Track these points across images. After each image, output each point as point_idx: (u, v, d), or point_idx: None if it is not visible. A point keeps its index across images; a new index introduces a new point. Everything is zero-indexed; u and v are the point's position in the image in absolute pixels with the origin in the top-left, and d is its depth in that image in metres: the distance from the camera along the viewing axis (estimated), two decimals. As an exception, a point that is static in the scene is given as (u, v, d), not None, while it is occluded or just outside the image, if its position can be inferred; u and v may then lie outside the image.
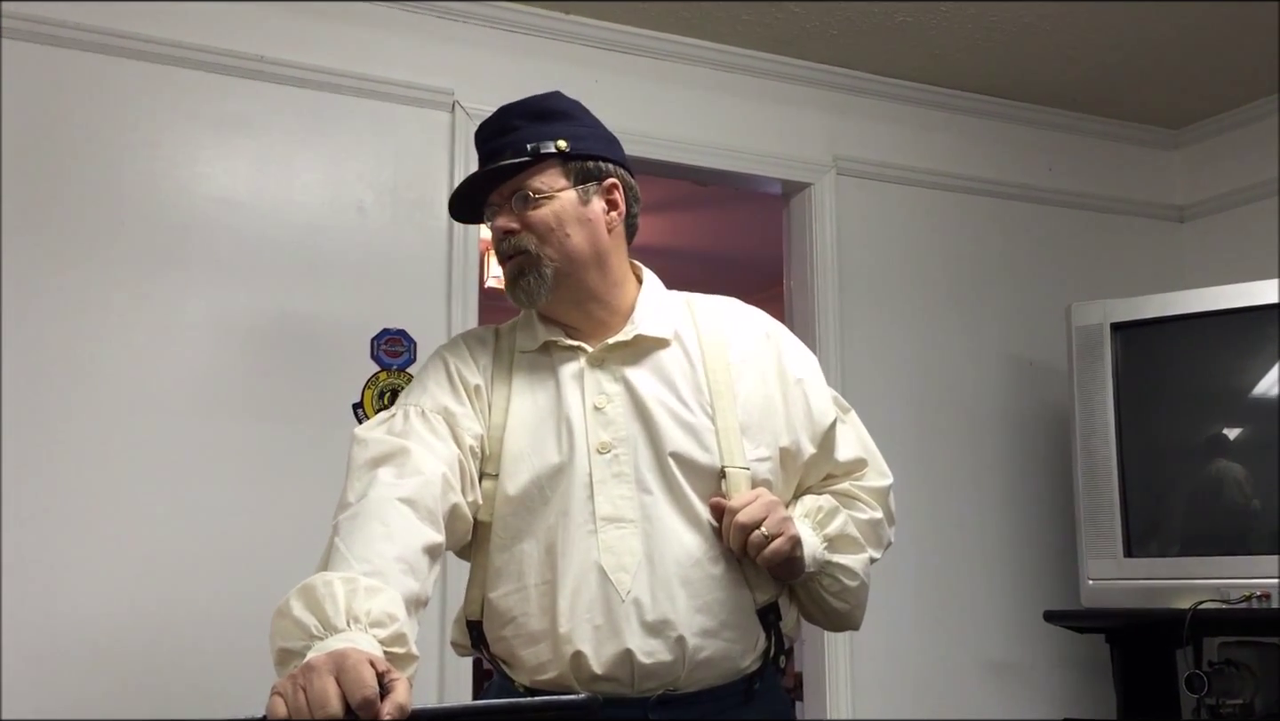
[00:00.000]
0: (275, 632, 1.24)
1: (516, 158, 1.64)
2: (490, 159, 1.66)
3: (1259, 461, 3.04)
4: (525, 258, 1.64)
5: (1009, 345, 3.63)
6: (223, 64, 2.78)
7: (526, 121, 1.67)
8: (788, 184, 3.45)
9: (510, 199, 1.65)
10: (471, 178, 1.68)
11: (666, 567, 1.54)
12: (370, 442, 1.53)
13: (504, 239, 1.65)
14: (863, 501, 1.74)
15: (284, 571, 1.59)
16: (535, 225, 1.64)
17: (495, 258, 1.71)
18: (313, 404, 2.76)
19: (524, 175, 1.65)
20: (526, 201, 1.64)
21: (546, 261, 1.63)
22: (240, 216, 2.77)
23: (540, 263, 1.63)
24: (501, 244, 1.66)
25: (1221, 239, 3.82)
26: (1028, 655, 3.47)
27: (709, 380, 1.65)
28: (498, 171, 1.65)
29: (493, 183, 1.67)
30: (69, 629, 2.48)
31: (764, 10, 3.12)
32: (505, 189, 1.66)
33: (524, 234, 1.64)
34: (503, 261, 1.67)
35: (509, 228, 1.64)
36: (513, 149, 1.64)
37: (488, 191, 1.68)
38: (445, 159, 2.99)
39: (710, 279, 3.39)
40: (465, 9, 3.04)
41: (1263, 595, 2.86)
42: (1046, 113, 3.76)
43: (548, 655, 1.54)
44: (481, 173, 1.66)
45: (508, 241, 1.65)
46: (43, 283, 2.57)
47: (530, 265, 1.64)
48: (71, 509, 2.53)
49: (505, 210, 1.65)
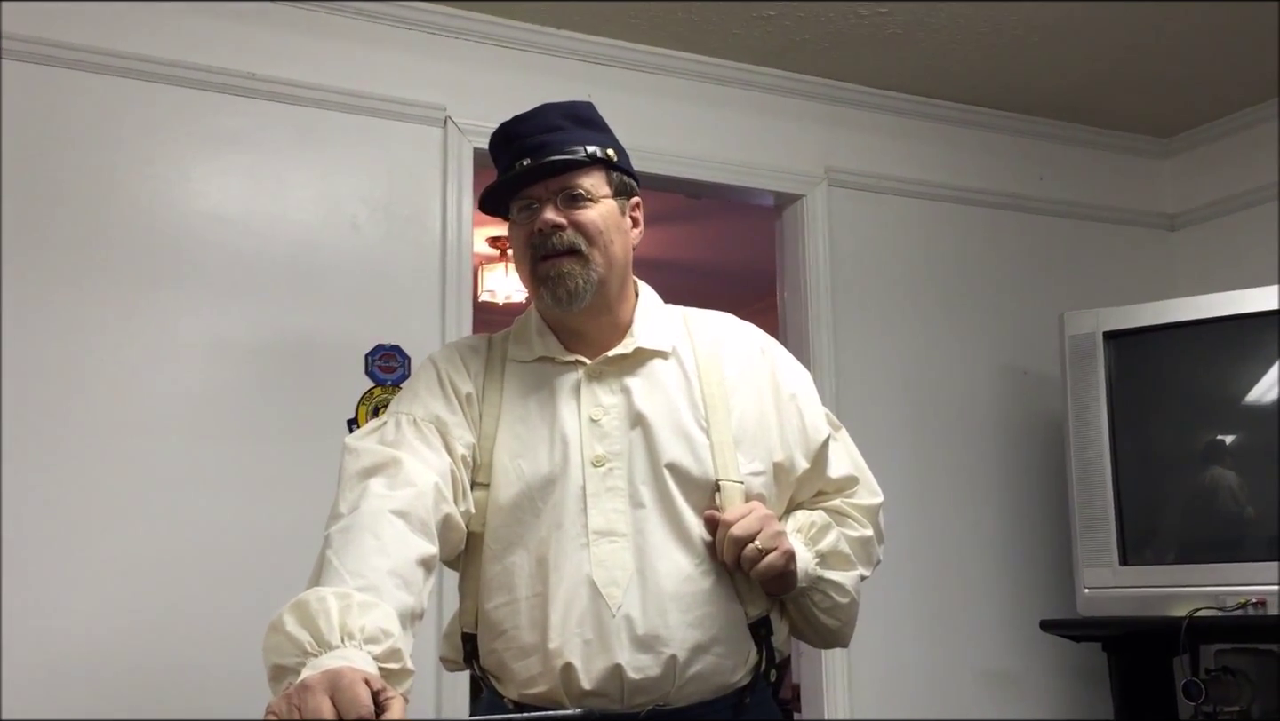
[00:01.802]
0: (269, 648, 1.24)
1: (569, 156, 1.61)
2: (535, 153, 1.61)
3: (1253, 468, 3.05)
4: (576, 257, 1.60)
5: (1002, 354, 3.63)
6: (215, 81, 2.79)
7: (570, 123, 1.65)
8: (780, 196, 3.46)
9: (556, 196, 1.62)
10: (531, 168, 1.61)
11: (658, 582, 1.54)
12: (362, 452, 1.52)
13: (552, 234, 1.60)
14: (853, 519, 1.73)
15: (278, 586, 1.60)
16: (585, 225, 1.61)
17: (521, 255, 1.64)
18: (307, 419, 2.76)
19: (574, 174, 1.62)
20: (575, 201, 1.61)
21: (594, 264, 1.61)
22: (233, 233, 2.77)
23: (589, 264, 1.61)
24: (549, 239, 1.60)
25: (1212, 246, 3.83)
26: (1024, 664, 3.47)
27: (704, 394, 1.65)
28: (549, 166, 1.61)
29: (532, 177, 1.62)
30: (65, 645, 2.48)
31: (755, 23, 3.13)
32: (552, 184, 1.62)
33: (572, 232, 1.61)
34: (544, 258, 1.61)
35: (558, 222, 1.60)
36: (563, 147, 1.62)
37: (522, 185, 1.64)
38: (438, 174, 2.99)
39: (703, 291, 3.40)
40: (457, 25, 3.05)
41: (1258, 602, 2.87)
42: (1037, 122, 3.77)
43: (538, 668, 1.53)
44: (542, 164, 1.61)
45: (558, 237, 1.60)
46: (37, 300, 2.57)
47: (580, 265, 1.60)
48: (67, 525, 2.52)
49: (551, 206, 1.61)
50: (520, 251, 1.66)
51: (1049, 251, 3.77)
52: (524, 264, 1.65)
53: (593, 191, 1.63)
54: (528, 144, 1.62)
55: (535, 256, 1.62)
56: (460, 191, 2.99)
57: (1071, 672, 3.49)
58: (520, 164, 1.62)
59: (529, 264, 1.64)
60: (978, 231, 3.68)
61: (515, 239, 1.67)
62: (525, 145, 1.62)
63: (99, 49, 2.68)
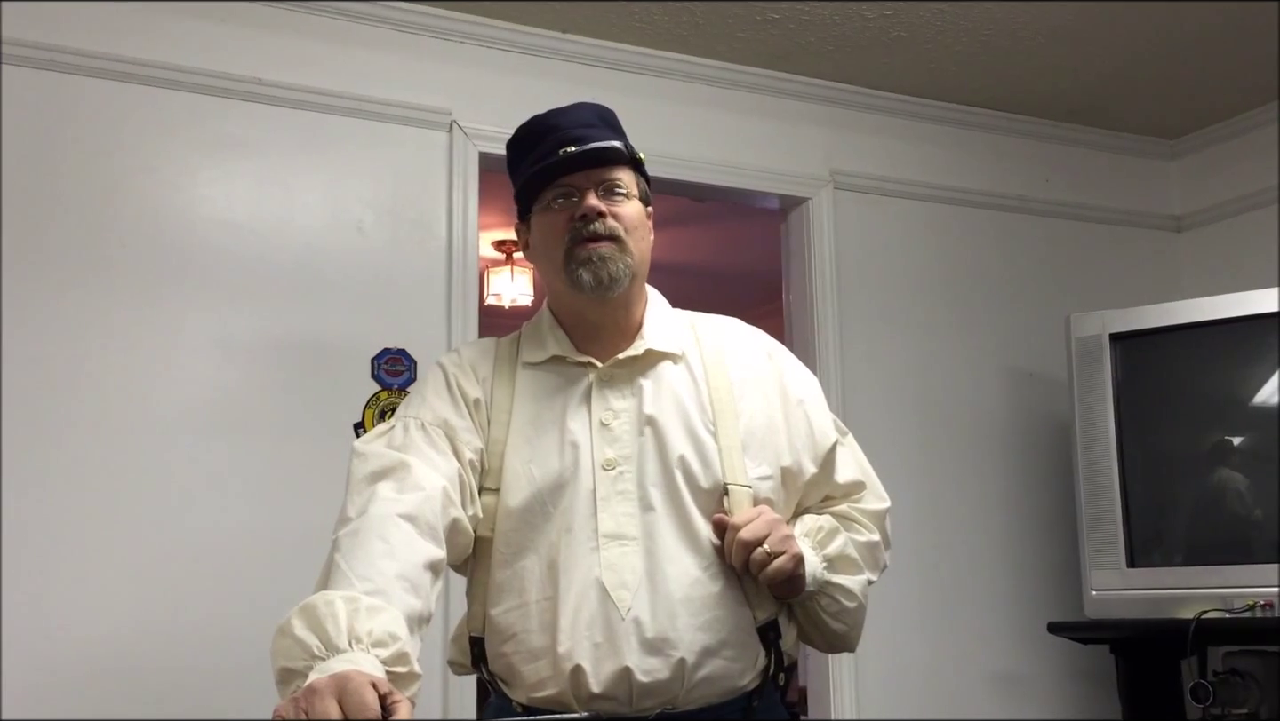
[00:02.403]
0: (277, 651, 1.24)
1: (608, 146, 1.63)
2: (578, 143, 1.62)
3: (1261, 470, 3.04)
4: (619, 244, 1.62)
5: (1008, 357, 3.63)
6: (220, 86, 2.79)
7: (603, 124, 1.67)
8: (785, 199, 3.46)
9: (597, 186, 1.63)
10: (579, 155, 1.62)
11: (667, 585, 1.54)
12: (370, 456, 1.53)
13: (597, 219, 1.61)
14: (860, 524, 1.73)
15: (283, 588, 1.60)
16: (624, 218, 1.63)
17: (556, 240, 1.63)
18: (314, 424, 2.76)
19: (614, 168, 1.64)
20: (613, 194, 1.63)
21: (632, 253, 1.63)
22: (239, 238, 2.78)
23: (627, 252, 1.63)
24: (594, 223, 1.60)
25: (1219, 248, 3.82)
26: (1032, 667, 3.46)
27: (712, 398, 1.65)
28: (598, 153, 1.62)
29: (575, 165, 1.62)
30: (69, 647, 2.48)
31: (759, 26, 3.13)
32: (594, 175, 1.63)
33: (613, 221, 1.62)
34: (586, 241, 1.61)
35: (602, 210, 1.62)
36: (605, 141, 1.64)
37: (561, 173, 1.64)
38: (443, 178, 3.00)
39: (709, 295, 3.40)
40: (462, 29, 3.06)
41: (1266, 604, 2.86)
42: (1043, 125, 3.77)
43: (547, 672, 1.53)
44: (589, 151, 1.62)
45: (601, 223, 1.61)
46: (44, 305, 2.58)
47: (622, 251, 1.62)
48: (72, 528, 2.53)
49: (593, 194, 1.63)
50: (555, 236, 1.64)
51: (1055, 254, 3.76)
52: (558, 247, 1.64)
53: (628, 188, 1.66)
54: (569, 134, 1.63)
55: (574, 239, 1.62)
56: (466, 195, 3.00)
57: (1079, 675, 3.48)
58: (564, 151, 1.62)
59: (565, 246, 1.63)
60: (983, 234, 3.68)
61: (548, 224, 1.65)
62: (567, 135, 1.63)
63: (103, 54, 2.69)
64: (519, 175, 1.69)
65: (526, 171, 1.66)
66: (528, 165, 1.66)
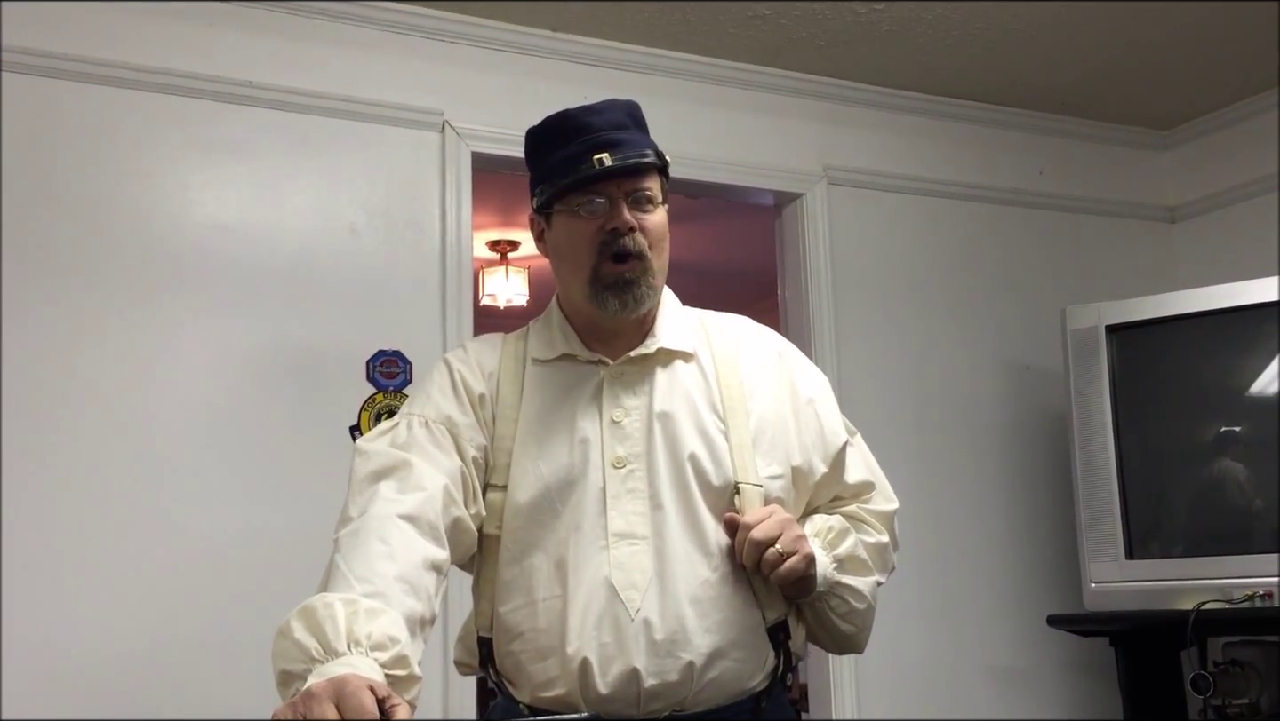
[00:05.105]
0: (277, 654, 1.24)
1: (642, 159, 1.59)
2: (612, 149, 1.57)
3: (1259, 460, 3.04)
4: (645, 262, 1.59)
5: (1004, 350, 3.63)
6: (212, 90, 2.79)
7: (634, 125, 1.64)
8: (779, 195, 3.46)
9: (627, 196, 1.59)
10: (616, 168, 1.57)
11: (676, 586, 1.53)
12: (372, 455, 1.52)
13: (627, 234, 1.58)
14: (870, 525, 1.72)
15: (279, 592, 1.59)
16: (651, 230, 1.60)
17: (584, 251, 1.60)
18: (309, 427, 2.76)
19: (645, 177, 1.61)
20: (641, 204, 1.60)
21: (654, 271, 1.61)
22: (232, 241, 2.77)
23: (651, 270, 1.60)
24: (624, 239, 1.57)
25: (1213, 238, 3.83)
26: (1032, 660, 3.46)
27: (723, 396, 1.64)
28: (635, 167, 1.58)
29: (611, 175, 1.58)
30: (67, 654, 2.48)
31: (750, 23, 3.13)
32: (625, 184, 1.59)
33: (641, 235, 1.59)
34: (616, 259, 1.58)
35: (633, 224, 1.59)
36: (639, 149, 1.60)
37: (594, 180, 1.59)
38: (436, 179, 2.99)
39: (704, 291, 3.39)
40: (453, 29, 3.05)
41: (1265, 594, 2.86)
42: (1036, 117, 3.77)
43: (555, 671, 1.52)
44: (628, 164, 1.57)
45: (631, 238, 1.58)
46: (37, 310, 2.57)
47: (646, 271, 1.59)
48: (68, 534, 2.52)
49: (623, 205, 1.58)
50: (582, 245, 1.60)
51: (1050, 246, 3.76)
52: (585, 258, 1.60)
53: (656, 197, 1.62)
54: (601, 139, 1.59)
55: (604, 255, 1.59)
56: (459, 195, 2.99)
57: (1079, 668, 3.48)
58: (598, 159, 1.57)
59: (593, 261, 1.60)
60: (978, 227, 3.68)
61: (575, 230, 1.61)
62: (599, 140, 1.59)
63: (96, 59, 2.69)
64: (543, 167, 1.65)
65: (558, 172, 1.61)
66: (558, 164, 1.61)
